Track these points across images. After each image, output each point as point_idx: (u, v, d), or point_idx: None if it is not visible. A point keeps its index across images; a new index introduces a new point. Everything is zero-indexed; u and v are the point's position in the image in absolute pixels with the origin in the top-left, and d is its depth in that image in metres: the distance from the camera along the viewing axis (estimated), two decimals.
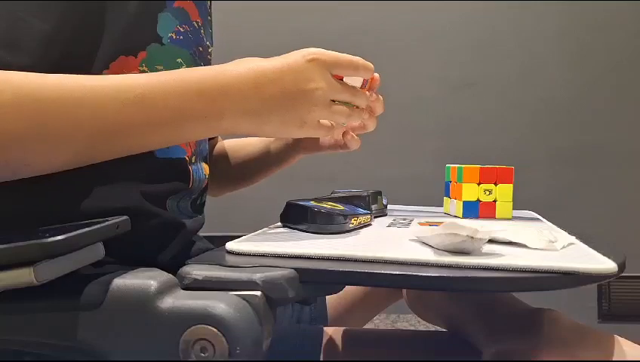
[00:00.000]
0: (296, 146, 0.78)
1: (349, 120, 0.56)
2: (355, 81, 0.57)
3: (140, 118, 0.46)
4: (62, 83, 0.44)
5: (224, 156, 0.83)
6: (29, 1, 0.46)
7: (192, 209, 0.62)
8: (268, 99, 0.49)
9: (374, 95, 0.63)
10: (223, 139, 0.87)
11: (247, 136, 0.52)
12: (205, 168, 0.64)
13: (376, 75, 0.61)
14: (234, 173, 0.83)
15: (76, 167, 0.47)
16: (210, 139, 0.70)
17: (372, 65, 0.57)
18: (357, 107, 0.56)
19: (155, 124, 0.47)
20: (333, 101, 0.53)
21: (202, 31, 0.61)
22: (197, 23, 0.60)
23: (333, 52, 0.53)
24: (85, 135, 0.44)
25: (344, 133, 0.73)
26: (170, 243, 0.56)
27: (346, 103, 0.55)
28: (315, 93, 0.50)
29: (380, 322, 2.06)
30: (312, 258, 0.46)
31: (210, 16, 0.66)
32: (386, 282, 0.43)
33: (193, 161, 0.60)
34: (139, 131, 0.47)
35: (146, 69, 0.53)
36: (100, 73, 0.50)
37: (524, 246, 0.49)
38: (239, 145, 0.85)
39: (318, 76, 0.50)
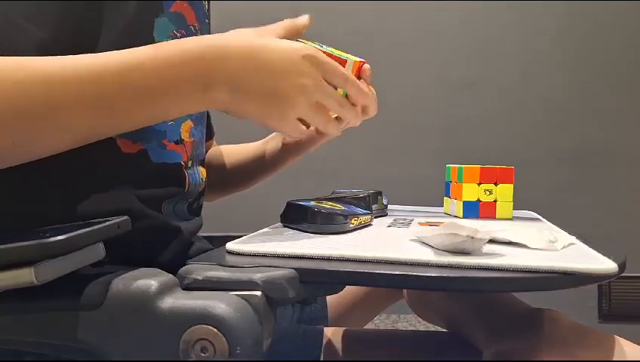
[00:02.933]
0: (286, 149, 0.77)
1: (327, 129, 0.54)
2: None
3: (121, 93, 0.45)
4: (41, 65, 0.43)
5: (218, 160, 0.83)
6: (26, 3, 0.46)
7: (189, 212, 0.61)
8: (251, 73, 0.48)
9: (365, 86, 0.62)
10: (218, 143, 0.87)
11: (235, 140, 0.52)
12: (202, 172, 0.64)
13: (367, 65, 0.59)
14: (228, 177, 0.83)
15: (69, 170, 0.47)
16: (206, 140, 0.70)
17: (366, 91, 0.55)
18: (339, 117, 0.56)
19: (137, 97, 0.46)
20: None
21: (199, 34, 0.61)
22: (194, 26, 0.60)
23: (332, 60, 0.52)
24: (67, 116, 0.44)
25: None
26: (168, 246, 0.56)
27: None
28: (302, 89, 0.49)
29: (380, 322, 2.06)
30: (312, 258, 0.46)
31: (209, 19, 0.66)
32: (386, 282, 0.43)
33: (189, 165, 0.60)
34: (123, 106, 0.46)
35: None
36: None
37: (525, 246, 0.49)
38: (233, 148, 0.85)
39: (309, 73, 0.49)
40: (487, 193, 0.71)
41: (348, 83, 0.54)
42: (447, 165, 0.78)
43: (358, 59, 0.57)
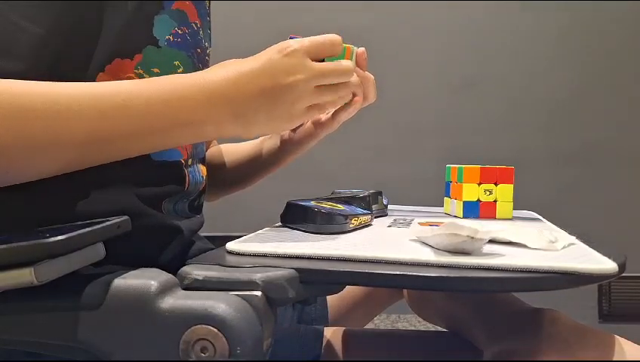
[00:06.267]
0: (285, 147, 0.77)
1: (337, 97, 0.55)
2: None
3: (121, 127, 0.46)
4: (42, 91, 0.43)
5: (217, 158, 0.83)
6: (26, 3, 0.46)
7: (190, 210, 0.61)
8: (250, 99, 0.49)
9: (363, 72, 0.61)
10: (219, 142, 0.86)
11: (235, 139, 0.52)
12: (202, 170, 0.64)
13: (362, 49, 0.59)
14: (227, 176, 0.83)
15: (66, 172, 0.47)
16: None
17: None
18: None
19: (137, 131, 0.47)
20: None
21: (201, 32, 0.61)
22: (196, 24, 0.60)
23: (309, 37, 0.52)
24: (66, 145, 0.44)
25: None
26: (169, 245, 0.56)
27: None
28: (296, 86, 0.50)
29: (380, 322, 2.06)
30: (312, 258, 0.46)
31: (209, 17, 0.66)
32: (386, 282, 0.43)
33: (189, 163, 0.60)
34: (122, 139, 0.46)
35: (141, 72, 0.53)
36: (95, 75, 0.50)
37: (525, 246, 0.49)
38: (232, 147, 0.84)
39: (297, 67, 0.50)
40: (487, 193, 0.71)
41: (337, 44, 0.54)
42: (447, 165, 0.78)
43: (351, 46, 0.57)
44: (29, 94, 0.43)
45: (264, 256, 0.47)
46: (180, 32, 0.57)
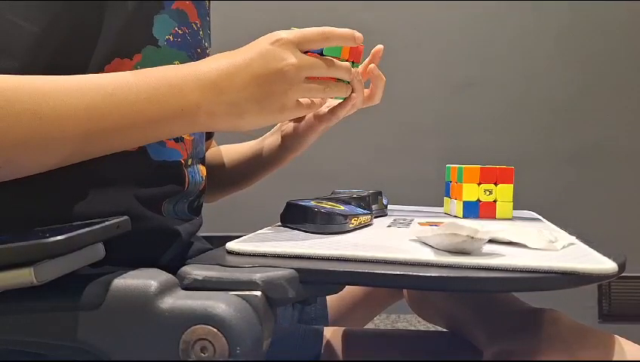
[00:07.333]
0: (286, 143, 0.76)
1: (326, 94, 0.55)
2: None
3: (111, 118, 0.45)
4: (30, 85, 0.43)
5: (218, 159, 0.83)
6: (24, 2, 0.46)
7: (189, 211, 0.61)
8: (242, 88, 0.49)
9: (375, 71, 0.61)
10: (218, 143, 0.86)
11: (235, 139, 0.52)
12: (202, 170, 0.64)
13: (380, 46, 0.59)
14: (228, 176, 0.83)
15: (68, 170, 0.47)
16: (206, 139, 0.70)
17: (350, 32, 0.55)
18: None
19: (129, 122, 0.46)
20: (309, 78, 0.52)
21: (201, 32, 0.61)
22: (196, 24, 0.60)
23: (301, 29, 0.52)
24: (57, 138, 0.44)
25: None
26: (168, 247, 0.56)
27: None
28: (287, 72, 0.50)
29: (380, 322, 2.06)
30: (312, 258, 0.46)
31: (209, 17, 0.66)
32: (386, 282, 0.43)
33: (189, 163, 0.60)
34: (113, 131, 0.46)
35: None
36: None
37: (525, 246, 0.49)
38: (232, 147, 0.84)
39: (287, 54, 0.50)
40: (487, 193, 0.71)
41: (331, 38, 0.53)
42: (447, 165, 0.78)
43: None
44: (17, 88, 0.42)
45: (264, 256, 0.47)
46: (180, 32, 0.56)
